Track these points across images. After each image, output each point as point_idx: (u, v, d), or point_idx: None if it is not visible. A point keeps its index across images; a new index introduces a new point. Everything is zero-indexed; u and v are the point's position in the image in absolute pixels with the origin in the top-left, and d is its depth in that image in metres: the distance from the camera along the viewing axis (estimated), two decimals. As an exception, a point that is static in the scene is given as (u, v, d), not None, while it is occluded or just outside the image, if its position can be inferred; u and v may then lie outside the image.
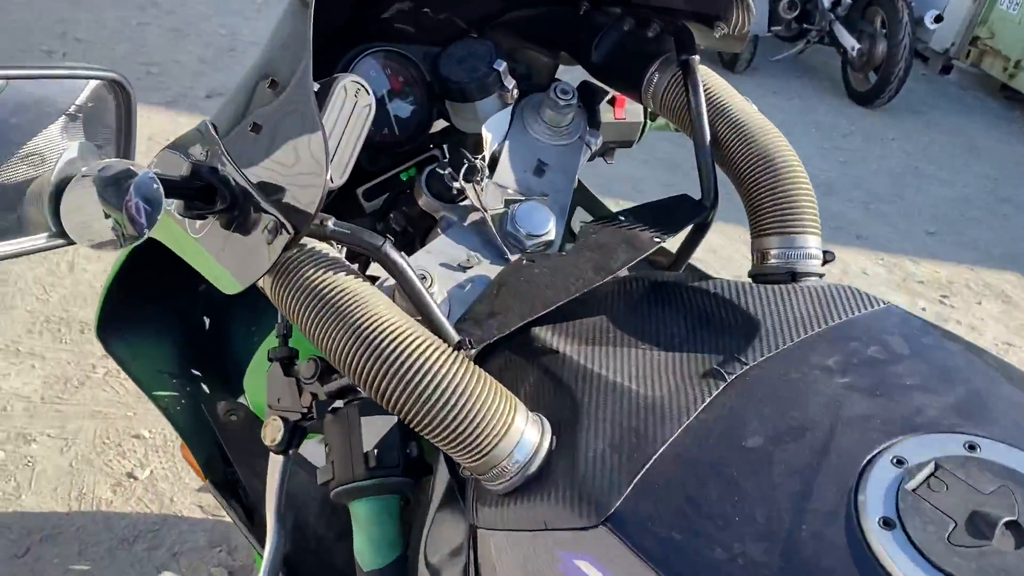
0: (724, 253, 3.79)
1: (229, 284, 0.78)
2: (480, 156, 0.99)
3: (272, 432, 0.90)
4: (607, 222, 0.97)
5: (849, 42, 6.29)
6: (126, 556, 2.09)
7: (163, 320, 1.26)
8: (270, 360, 0.95)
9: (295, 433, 0.91)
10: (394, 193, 1.13)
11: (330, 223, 0.76)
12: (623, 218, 0.97)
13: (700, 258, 3.68)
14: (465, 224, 0.96)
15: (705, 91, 1.01)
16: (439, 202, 0.99)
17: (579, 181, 1.21)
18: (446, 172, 0.97)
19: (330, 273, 0.75)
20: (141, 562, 2.08)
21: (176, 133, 0.88)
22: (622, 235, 0.95)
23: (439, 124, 1.20)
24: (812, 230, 0.93)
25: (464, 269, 0.92)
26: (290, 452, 0.92)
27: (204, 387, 1.28)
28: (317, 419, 0.88)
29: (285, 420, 0.90)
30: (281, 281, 0.77)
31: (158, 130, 3.95)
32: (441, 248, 0.94)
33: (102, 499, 2.21)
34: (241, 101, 0.89)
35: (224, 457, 1.21)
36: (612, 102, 1.16)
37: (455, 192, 0.98)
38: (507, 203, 0.97)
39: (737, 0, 0.97)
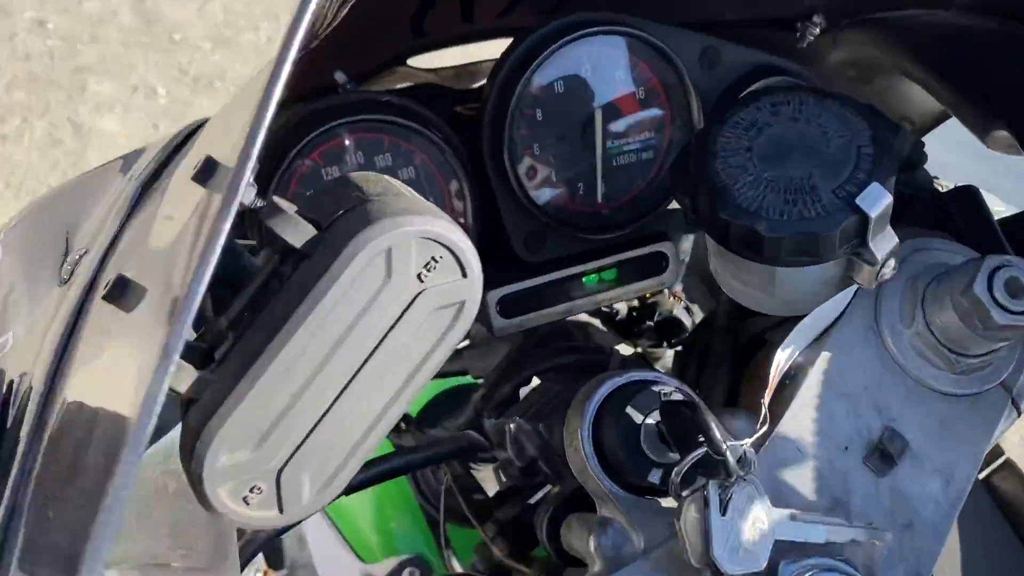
0: None
1: None
2: (756, 437, 0.39)
3: None
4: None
5: None
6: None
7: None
8: None
9: None
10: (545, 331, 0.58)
11: None
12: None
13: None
14: (658, 563, 0.39)
15: None
16: (617, 490, 0.42)
17: None
18: (647, 423, 0.41)
19: None
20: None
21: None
22: None
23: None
24: None
25: None
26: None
27: None
28: None
29: None
30: None
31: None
32: None
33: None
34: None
35: None
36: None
37: (654, 483, 0.41)
38: (778, 549, 0.38)
39: None
